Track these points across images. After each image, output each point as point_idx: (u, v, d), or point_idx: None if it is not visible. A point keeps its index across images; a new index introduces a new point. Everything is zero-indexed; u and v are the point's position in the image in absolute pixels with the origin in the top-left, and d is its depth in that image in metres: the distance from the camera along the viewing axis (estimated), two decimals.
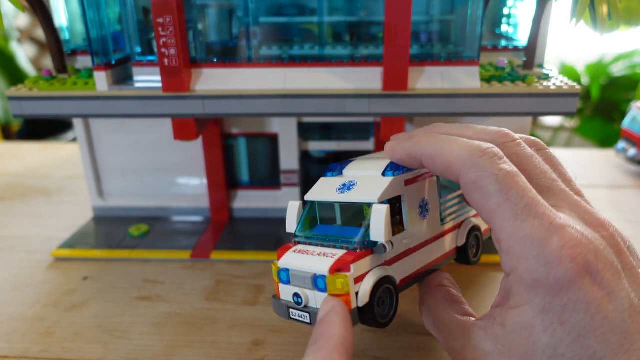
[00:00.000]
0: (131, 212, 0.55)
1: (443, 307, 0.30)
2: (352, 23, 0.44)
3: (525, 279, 0.24)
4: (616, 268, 0.24)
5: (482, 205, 0.26)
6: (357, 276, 0.27)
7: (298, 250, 0.30)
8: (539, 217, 0.24)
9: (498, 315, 0.25)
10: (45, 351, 0.36)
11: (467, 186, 0.26)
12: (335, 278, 0.27)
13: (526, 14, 0.45)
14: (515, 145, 0.28)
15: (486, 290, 0.41)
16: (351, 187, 0.31)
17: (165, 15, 0.38)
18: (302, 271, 0.28)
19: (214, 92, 0.41)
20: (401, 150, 0.30)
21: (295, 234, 0.32)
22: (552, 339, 0.23)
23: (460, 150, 0.26)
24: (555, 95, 0.40)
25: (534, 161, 0.28)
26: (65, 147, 0.82)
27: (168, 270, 0.46)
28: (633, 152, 0.66)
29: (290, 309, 0.29)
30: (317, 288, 0.28)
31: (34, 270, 0.46)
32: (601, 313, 0.22)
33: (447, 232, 0.35)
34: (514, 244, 0.24)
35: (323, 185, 0.33)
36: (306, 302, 0.28)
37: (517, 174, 0.25)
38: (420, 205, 0.32)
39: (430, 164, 0.28)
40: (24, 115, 0.43)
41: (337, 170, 0.34)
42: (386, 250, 0.28)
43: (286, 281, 0.29)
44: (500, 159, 0.26)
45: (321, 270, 0.27)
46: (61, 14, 0.47)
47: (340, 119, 0.51)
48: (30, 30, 1.96)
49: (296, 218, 0.32)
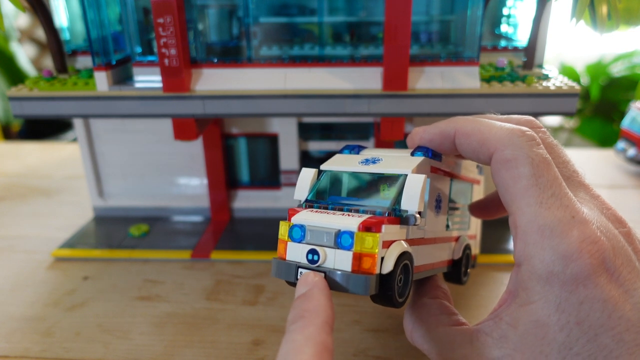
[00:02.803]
0: (131, 212, 0.55)
1: (436, 319, 0.29)
2: (352, 23, 0.44)
3: (539, 271, 0.23)
4: (633, 265, 0.23)
5: (508, 186, 0.25)
6: (386, 240, 0.26)
7: (315, 210, 0.28)
8: (564, 208, 0.24)
9: (507, 315, 0.24)
10: (45, 351, 0.36)
11: (500, 163, 0.25)
12: (364, 235, 0.25)
13: (526, 14, 0.45)
14: (540, 132, 0.28)
15: (486, 291, 0.41)
16: (376, 161, 0.30)
17: (166, 15, 0.38)
18: (325, 227, 0.26)
19: (214, 92, 0.41)
20: (433, 129, 0.29)
21: (307, 199, 0.30)
22: (568, 338, 0.22)
23: (499, 129, 0.26)
24: (555, 95, 0.40)
25: (557, 150, 0.27)
26: (66, 147, 0.82)
27: (168, 270, 0.46)
28: (632, 152, 0.66)
29: (300, 268, 0.26)
30: (341, 245, 0.25)
31: (34, 270, 0.46)
32: (618, 312, 0.22)
33: (449, 239, 0.34)
34: (532, 231, 0.24)
35: (341, 159, 0.31)
36: (323, 261, 0.26)
37: (551, 162, 0.25)
38: (436, 199, 0.31)
39: (464, 140, 0.27)
40: (24, 115, 0.43)
41: (355, 150, 0.32)
42: (416, 222, 0.27)
43: (299, 239, 0.26)
44: (537, 143, 0.25)
45: (349, 226, 0.25)
46: (61, 14, 0.47)
47: (340, 119, 0.51)
48: (30, 31, 1.96)
49: (309, 186, 0.30)
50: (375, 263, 0.25)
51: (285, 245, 0.27)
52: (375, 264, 0.25)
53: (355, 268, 0.25)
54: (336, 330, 0.37)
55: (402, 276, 0.27)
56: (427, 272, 0.32)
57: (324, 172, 0.31)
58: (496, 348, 0.24)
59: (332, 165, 0.31)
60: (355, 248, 0.25)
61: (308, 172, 0.30)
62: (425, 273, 0.32)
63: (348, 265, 0.25)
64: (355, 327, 0.37)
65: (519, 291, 0.24)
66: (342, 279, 0.25)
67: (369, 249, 0.25)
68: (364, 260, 0.25)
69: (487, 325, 0.25)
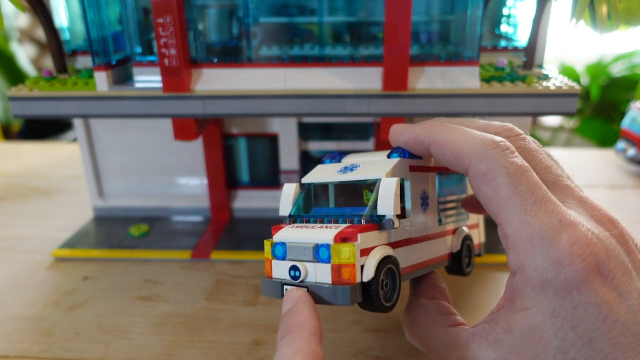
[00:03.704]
0: (131, 212, 0.55)
1: (434, 319, 0.29)
2: (352, 23, 0.44)
3: (533, 279, 0.23)
4: (627, 267, 0.23)
5: (489, 198, 0.25)
6: (363, 247, 0.26)
7: (296, 226, 0.29)
8: (549, 213, 0.23)
9: (502, 320, 0.24)
10: (45, 351, 0.36)
11: (477, 177, 0.25)
12: (340, 247, 0.25)
13: (526, 14, 0.45)
14: (520, 140, 0.28)
15: (486, 290, 0.41)
16: (354, 169, 0.30)
17: (166, 15, 0.38)
18: (303, 242, 0.26)
19: (214, 92, 0.41)
20: (409, 134, 0.29)
21: (291, 214, 0.30)
22: (563, 342, 0.22)
23: (472, 140, 0.26)
24: (555, 95, 0.40)
25: (538, 156, 0.27)
26: (66, 147, 0.82)
27: (168, 270, 0.46)
28: (632, 152, 0.66)
29: (285, 285, 0.27)
30: (319, 259, 0.26)
31: (34, 270, 0.46)
32: (613, 315, 0.22)
33: (443, 234, 0.34)
34: (521, 240, 0.24)
35: (321, 170, 0.32)
36: (304, 276, 0.26)
37: (528, 169, 0.25)
38: (421, 197, 0.31)
39: (439, 151, 0.27)
40: (24, 115, 0.43)
41: (336, 159, 0.33)
42: (393, 225, 0.27)
43: (282, 256, 0.27)
44: (512, 152, 0.25)
45: (325, 239, 0.26)
46: (61, 14, 0.47)
47: (340, 119, 0.51)
48: (30, 31, 1.96)
49: (292, 200, 0.31)
50: (355, 272, 0.25)
51: (270, 264, 0.28)
52: (354, 273, 0.25)
53: (336, 280, 0.25)
54: (336, 330, 0.37)
55: (387, 280, 0.27)
56: (422, 270, 0.32)
57: (305, 185, 0.31)
58: (491, 351, 0.24)
59: (312, 177, 0.31)
60: (333, 260, 0.25)
61: (290, 187, 0.31)
62: (421, 271, 0.32)
63: (328, 278, 0.26)
64: (355, 327, 0.37)
65: (514, 298, 0.24)
66: (324, 292, 0.26)
67: (347, 259, 0.25)
68: (343, 271, 0.25)
69: (483, 328, 0.25)
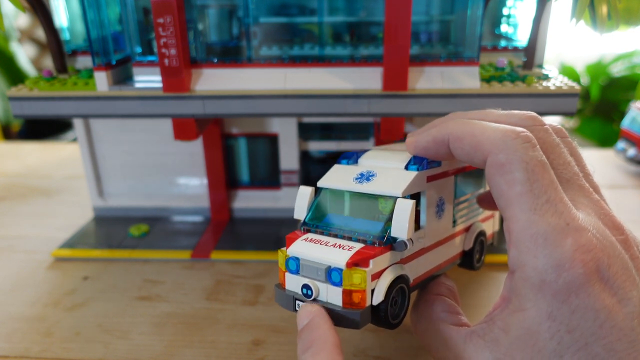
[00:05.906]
0: (131, 212, 0.55)
1: (437, 316, 0.29)
2: (352, 23, 0.44)
3: (532, 279, 0.23)
4: (629, 273, 0.23)
5: (502, 191, 0.24)
6: (374, 272, 0.26)
7: (309, 239, 0.29)
8: (558, 214, 0.23)
9: (499, 320, 0.24)
10: (45, 351, 0.36)
11: (493, 168, 0.25)
12: (352, 272, 0.25)
13: (526, 14, 0.45)
14: (542, 131, 0.27)
15: (486, 291, 0.41)
16: (370, 178, 0.30)
17: (166, 15, 0.38)
18: (316, 262, 0.27)
19: (214, 92, 0.41)
20: (426, 137, 0.28)
21: (305, 221, 0.30)
22: (558, 346, 0.22)
23: (492, 131, 0.25)
24: (555, 95, 0.40)
25: (558, 150, 0.26)
26: (66, 147, 0.82)
27: (168, 270, 0.46)
28: (632, 152, 0.66)
29: (297, 300, 0.27)
30: (331, 281, 0.26)
31: (34, 270, 0.46)
32: (610, 321, 0.22)
33: (457, 234, 0.34)
34: (525, 238, 0.23)
35: (337, 173, 0.32)
36: (316, 294, 0.27)
37: (546, 165, 0.24)
38: (437, 204, 0.31)
39: (458, 145, 0.27)
40: (24, 115, 0.43)
41: (353, 159, 0.33)
42: (407, 247, 0.27)
43: (295, 271, 0.27)
44: (533, 146, 0.25)
45: (337, 262, 0.26)
46: (61, 14, 0.47)
47: (340, 119, 0.51)
48: (30, 31, 1.96)
49: (307, 205, 0.31)
50: (365, 297, 0.26)
51: (284, 275, 0.28)
52: (364, 298, 0.26)
53: (346, 303, 0.26)
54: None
55: (397, 298, 0.28)
56: (433, 275, 0.32)
57: (320, 189, 0.31)
58: (488, 351, 0.24)
59: (328, 181, 0.31)
60: (344, 284, 0.26)
61: (306, 190, 0.31)
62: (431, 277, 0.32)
63: (339, 300, 0.26)
64: None
65: (512, 297, 0.24)
66: (334, 314, 0.26)
67: (358, 285, 0.26)
68: (354, 296, 0.26)
69: (481, 327, 0.25)
